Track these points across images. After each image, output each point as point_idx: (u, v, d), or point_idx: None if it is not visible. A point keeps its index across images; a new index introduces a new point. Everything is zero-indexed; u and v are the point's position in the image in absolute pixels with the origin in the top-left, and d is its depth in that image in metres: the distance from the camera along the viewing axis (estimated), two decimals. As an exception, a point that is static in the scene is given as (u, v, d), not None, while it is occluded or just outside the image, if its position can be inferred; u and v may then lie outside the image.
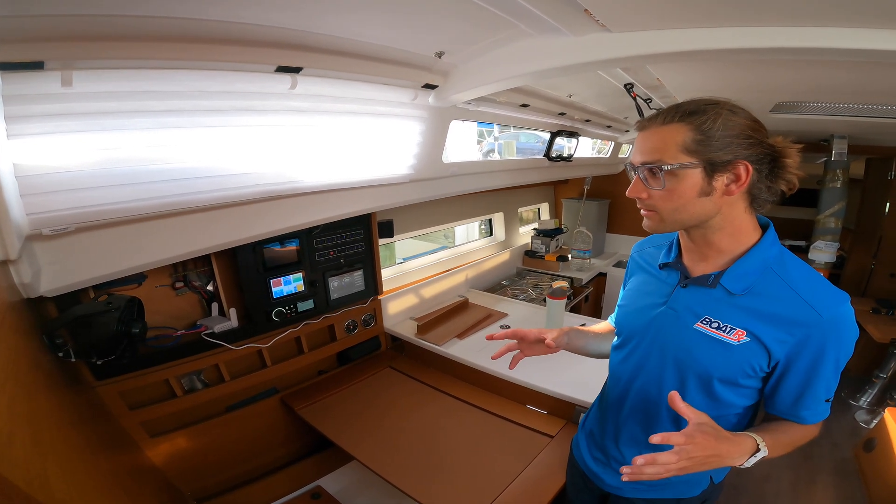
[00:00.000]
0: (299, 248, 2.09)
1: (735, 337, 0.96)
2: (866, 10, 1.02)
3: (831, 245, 3.38)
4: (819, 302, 0.91)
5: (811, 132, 3.27)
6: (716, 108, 0.90)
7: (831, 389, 0.98)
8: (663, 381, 1.08)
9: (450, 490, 1.60)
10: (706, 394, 1.02)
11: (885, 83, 1.77)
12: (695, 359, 1.01)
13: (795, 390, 0.98)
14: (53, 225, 1.17)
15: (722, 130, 0.89)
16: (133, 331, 1.32)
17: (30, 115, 1.05)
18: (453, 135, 2.24)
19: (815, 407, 0.99)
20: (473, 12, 1.23)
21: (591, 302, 3.99)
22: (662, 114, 0.94)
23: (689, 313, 1.03)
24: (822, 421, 1.03)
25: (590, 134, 3.52)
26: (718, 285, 0.99)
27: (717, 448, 0.85)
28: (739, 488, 2.66)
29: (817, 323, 0.90)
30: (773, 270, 0.96)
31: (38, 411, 0.85)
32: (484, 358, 2.24)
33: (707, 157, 0.90)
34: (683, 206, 0.94)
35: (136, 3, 0.96)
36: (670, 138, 0.91)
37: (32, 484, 0.59)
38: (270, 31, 1.19)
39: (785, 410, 1.01)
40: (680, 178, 0.91)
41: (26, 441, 0.69)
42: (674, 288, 1.08)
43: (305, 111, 1.57)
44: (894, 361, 3.40)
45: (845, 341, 0.94)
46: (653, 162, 0.93)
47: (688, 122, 0.91)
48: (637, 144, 0.98)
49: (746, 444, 0.92)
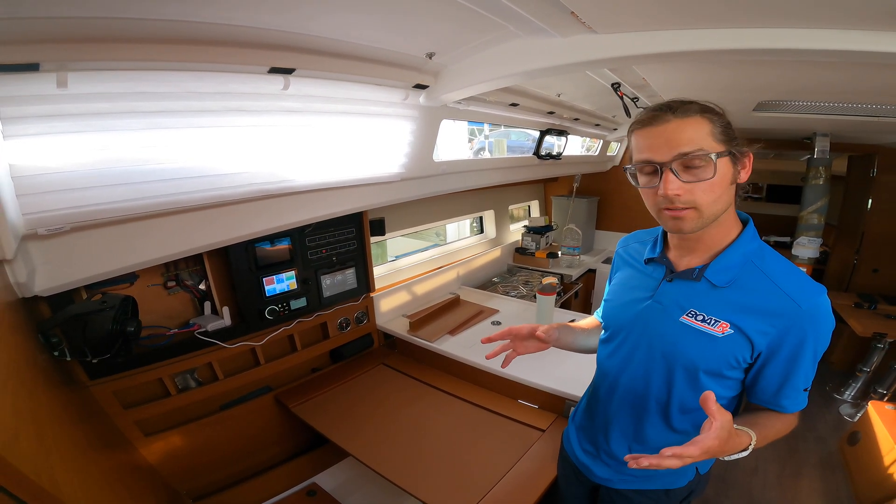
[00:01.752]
0: (291, 246, 2.10)
1: (720, 329, 0.98)
2: (846, 13, 1.05)
3: (814, 241, 3.44)
4: (798, 293, 0.94)
5: (794, 130, 3.32)
6: (717, 107, 0.95)
7: (809, 379, 1.01)
8: (651, 374, 1.10)
9: (443, 483, 1.62)
10: (692, 386, 1.04)
11: (867, 83, 1.81)
12: (681, 351, 1.03)
13: (777, 380, 1.00)
14: (49, 225, 1.18)
15: (731, 126, 0.94)
16: (128, 329, 1.33)
17: (25, 116, 1.06)
18: (444, 134, 2.25)
19: (795, 396, 1.02)
20: (463, 14, 1.25)
21: (580, 298, 4.03)
22: (671, 108, 0.92)
23: (675, 306, 1.05)
24: (800, 410, 1.05)
25: (579, 132, 3.55)
26: (703, 278, 1.02)
27: (725, 445, 0.86)
28: (727, 481, 2.71)
29: (797, 313, 0.93)
30: (753, 263, 0.99)
31: (40, 409, 0.86)
32: (475, 354, 2.27)
33: (731, 146, 0.93)
34: (720, 196, 0.94)
35: (130, 5, 0.97)
36: (700, 129, 0.91)
37: (41, 478, 0.61)
38: (263, 33, 1.20)
39: (767, 400, 1.04)
40: (717, 167, 0.91)
41: (31, 438, 0.70)
42: (659, 282, 1.10)
43: (298, 111, 1.58)
44: (877, 356, 3.46)
45: (823, 332, 0.96)
46: (694, 151, 0.89)
47: (706, 116, 0.92)
48: (655, 139, 0.93)
49: (743, 441, 0.94)
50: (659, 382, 1.09)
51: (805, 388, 1.01)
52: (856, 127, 2.89)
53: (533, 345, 1.29)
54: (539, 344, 1.29)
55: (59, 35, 0.95)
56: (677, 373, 1.05)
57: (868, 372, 3.53)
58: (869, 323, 3.39)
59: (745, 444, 0.94)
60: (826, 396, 3.66)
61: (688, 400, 1.06)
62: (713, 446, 0.82)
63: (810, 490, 2.71)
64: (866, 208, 4.01)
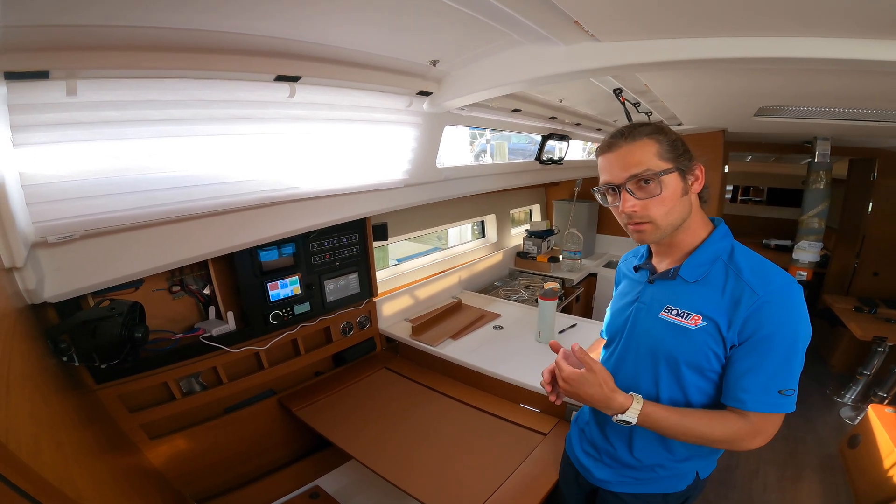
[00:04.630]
0: (295, 251, 2.11)
1: (692, 322, 1.06)
2: (847, 22, 1.06)
3: (815, 245, 3.45)
4: (757, 283, 1.00)
5: (795, 134, 3.34)
6: (665, 127, 1.07)
7: (781, 379, 0.98)
8: (640, 372, 1.17)
9: (445, 487, 1.63)
10: (677, 380, 1.10)
11: (867, 88, 1.83)
12: (663, 345, 1.11)
13: (739, 370, 1.02)
14: (59, 233, 1.19)
15: (679, 142, 1.05)
16: (136, 335, 1.34)
17: (35, 125, 1.07)
18: (446, 137, 2.27)
19: (760, 394, 0.99)
20: (467, 22, 1.25)
21: (581, 302, 4.03)
22: (622, 134, 1.06)
23: (656, 304, 1.15)
24: (768, 417, 1.01)
25: (580, 137, 3.57)
26: (678, 277, 1.11)
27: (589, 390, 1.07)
28: (727, 484, 2.72)
29: (754, 300, 0.98)
30: (722, 260, 1.08)
31: (55, 415, 0.87)
32: (477, 358, 2.28)
33: (678, 162, 1.03)
34: (673, 208, 1.05)
35: (140, 13, 0.98)
36: (647, 150, 1.03)
37: (63, 485, 0.62)
38: (270, 42, 1.22)
39: (728, 393, 1.04)
40: (666, 183, 1.03)
41: (51, 444, 0.71)
42: (643, 285, 1.20)
43: (303, 119, 1.60)
44: (877, 359, 3.47)
45: (787, 322, 0.98)
46: (641, 172, 1.02)
47: (653, 137, 1.04)
48: (613, 163, 1.06)
49: (616, 402, 1.06)
50: (648, 379, 1.15)
51: (779, 389, 0.98)
52: (856, 131, 2.90)
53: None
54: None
55: (69, 43, 0.96)
56: (661, 367, 1.12)
57: (868, 375, 3.54)
58: (869, 326, 3.41)
59: (622, 406, 1.05)
60: (826, 399, 3.67)
61: (675, 394, 1.12)
62: (570, 375, 1.07)
63: (810, 493, 2.72)
64: (867, 212, 4.03)
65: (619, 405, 1.06)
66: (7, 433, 0.58)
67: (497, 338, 2.56)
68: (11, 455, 0.57)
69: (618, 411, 1.06)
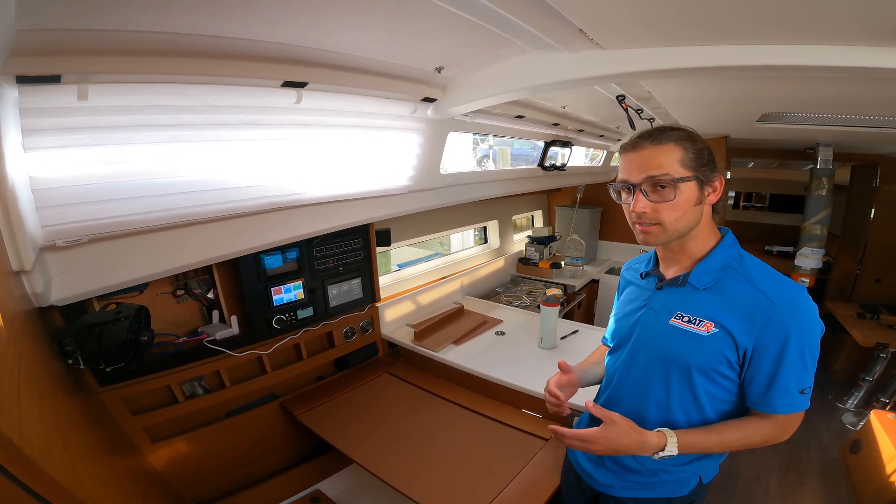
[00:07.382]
0: (299, 256, 2.12)
1: (704, 328, 1.07)
2: (849, 30, 1.08)
3: (817, 251, 3.46)
4: (772, 290, 1.02)
5: (797, 141, 3.35)
6: (694, 135, 1.06)
7: (803, 380, 1.04)
8: (650, 377, 1.17)
9: (447, 492, 1.63)
10: (688, 386, 1.11)
11: (870, 95, 1.84)
12: (674, 351, 1.11)
13: (764, 379, 1.05)
14: (67, 237, 1.20)
15: (705, 151, 1.05)
16: (142, 339, 1.35)
17: (46, 129, 1.08)
18: (450, 144, 2.28)
19: (785, 397, 1.04)
20: (472, 29, 1.27)
21: (583, 308, 4.02)
22: (650, 136, 1.06)
23: (665, 311, 1.15)
24: (793, 415, 1.07)
25: (583, 143, 3.58)
26: (687, 284, 1.12)
27: (619, 440, 1.06)
28: (729, 490, 2.72)
29: (772, 308, 1.00)
30: (732, 268, 1.09)
31: (62, 417, 0.88)
32: (479, 363, 2.28)
33: (699, 171, 1.04)
34: (683, 215, 1.06)
35: (151, 18, 1.00)
36: (670, 155, 1.04)
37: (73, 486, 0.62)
38: (278, 48, 1.23)
39: (757, 400, 1.08)
40: (681, 190, 1.04)
41: (59, 447, 0.72)
42: (652, 292, 1.20)
43: (309, 125, 1.61)
44: (879, 365, 3.47)
45: (805, 327, 1.01)
46: (659, 176, 1.03)
47: (680, 143, 1.05)
48: (633, 162, 1.07)
49: (651, 442, 1.06)
50: (657, 384, 1.16)
51: (800, 389, 1.04)
52: (859, 137, 2.92)
53: (571, 390, 1.37)
54: (572, 387, 1.37)
55: (81, 47, 0.97)
56: (673, 373, 1.12)
57: (870, 381, 3.54)
58: (871, 333, 3.40)
59: (656, 446, 1.06)
60: (829, 405, 3.66)
61: (686, 399, 1.13)
62: (592, 435, 1.06)
63: (812, 498, 2.71)
64: (869, 218, 4.03)
65: (656, 444, 1.06)
66: (20, 436, 0.59)
67: (499, 343, 2.57)
68: (25, 457, 0.57)
69: (656, 449, 1.07)
